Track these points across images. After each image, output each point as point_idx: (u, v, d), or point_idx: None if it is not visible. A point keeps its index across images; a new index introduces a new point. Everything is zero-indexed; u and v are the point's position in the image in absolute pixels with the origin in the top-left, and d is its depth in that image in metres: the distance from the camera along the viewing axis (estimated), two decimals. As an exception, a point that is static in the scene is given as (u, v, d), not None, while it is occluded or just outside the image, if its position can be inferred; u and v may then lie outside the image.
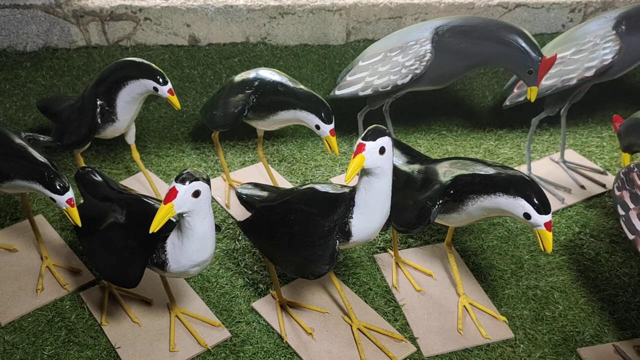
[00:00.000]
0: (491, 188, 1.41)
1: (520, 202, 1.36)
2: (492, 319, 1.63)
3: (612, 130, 2.39)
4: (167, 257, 1.39)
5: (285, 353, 1.54)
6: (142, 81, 1.72)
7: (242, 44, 2.49)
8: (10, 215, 1.91)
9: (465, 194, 1.45)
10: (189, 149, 2.22)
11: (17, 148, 1.53)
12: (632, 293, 1.72)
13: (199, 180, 1.27)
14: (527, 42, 1.81)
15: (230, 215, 1.95)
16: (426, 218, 1.48)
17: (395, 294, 1.69)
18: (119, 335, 1.56)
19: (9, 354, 1.51)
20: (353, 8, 2.47)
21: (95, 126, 1.78)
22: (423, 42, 1.91)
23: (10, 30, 2.36)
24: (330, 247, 1.40)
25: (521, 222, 1.40)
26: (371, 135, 1.28)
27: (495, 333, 1.59)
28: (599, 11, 2.63)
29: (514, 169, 1.44)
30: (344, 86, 2.06)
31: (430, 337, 1.58)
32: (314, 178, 2.12)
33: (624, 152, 1.76)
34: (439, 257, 1.83)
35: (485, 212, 1.45)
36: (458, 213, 1.48)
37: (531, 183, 1.38)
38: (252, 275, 1.75)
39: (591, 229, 1.94)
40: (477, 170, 1.46)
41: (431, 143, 2.30)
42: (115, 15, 2.37)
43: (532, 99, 1.85)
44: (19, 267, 1.73)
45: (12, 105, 2.26)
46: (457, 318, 1.62)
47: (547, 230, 1.36)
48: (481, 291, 1.72)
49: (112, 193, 1.57)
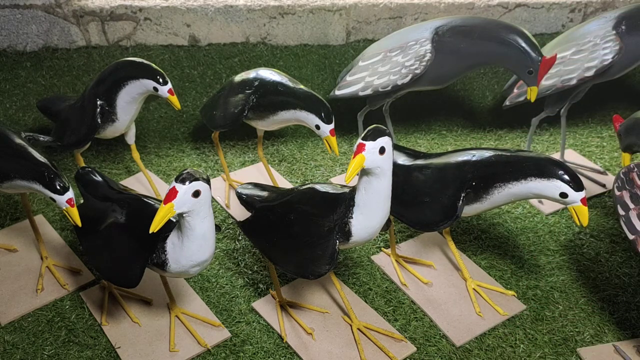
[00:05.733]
0: (521, 174, 1.44)
1: (555, 183, 1.41)
2: (502, 295, 1.68)
3: (612, 130, 2.39)
4: (167, 257, 1.38)
5: (285, 353, 1.54)
6: (142, 81, 1.72)
7: (242, 44, 2.49)
8: (10, 215, 1.91)
9: (491, 183, 1.47)
10: (189, 149, 2.22)
11: (17, 148, 1.53)
12: (632, 293, 1.72)
13: (199, 180, 1.27)
14: (527, 42, 1.81)
15: (230, 215, 1.95)
16: (453, 213, 1.50)
17: (407, 291, 1.70)
18: (119, 335, 1.56)
19: (9, 354, 1.51)
20: (353, 8, 2.47)
21: (95, 126, 1.78)
22: (423, 42, 1.91)
23: (10, 30, 2.36)
24: (330, 247, 1.40)
25: (553, 201, 1.44)
26: (371, 135, 1.28)
27: (510, 308, 1.66)
28: (599, 11, 2.63)
29: (528, 151, 1.47)
30: (344, 86, 2.06)
31: (455, 326, 1.61)
32: (314, 178, 2.12)
33: (624, 152, 1.76)
34: (430, 245, 1.84)
35: (512, 198, 1.48)
36: (481, 203, 1.51)
37: (560, 163, 1.42)
38: (252, 275, 1.75)
39: (591, 229, 1.94)
40: (497, 158, 1.48)
41: (431, 143, 2.30)
42: (115, 15, 2.37)
43: (532, 99, 1.85)
44: (19, 267, 1.73)
45: (12, 105, 2.26)
46: (472, 302, 1.66)
47: (584, 205, 1.42)
48: (481, 271, 1.75)
49: (112, 193, 1.57)
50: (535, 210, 1.99)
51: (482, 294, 1.68)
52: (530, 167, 1.43)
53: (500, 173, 1.46)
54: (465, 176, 1.50)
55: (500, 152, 1.51)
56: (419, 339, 1.58)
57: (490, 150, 1.53)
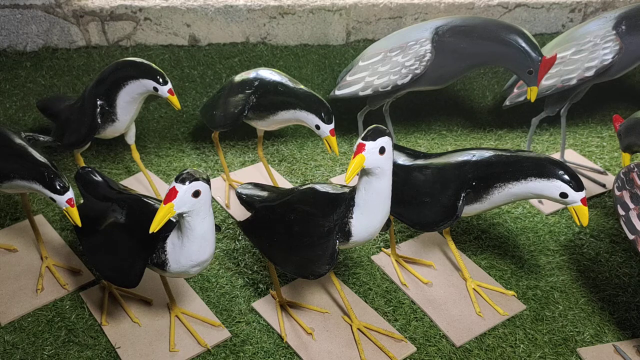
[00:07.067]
0: (521, 174, 1.44)
1: (555, 183, 1.41)
2: (502, 295, 1.68)
3: (612, 130, 2.39)
4: (167, 257, 1.38)
5: (285, 353, 1.54)
6: (142, 81, 1.72)
7: (242, 44, 2.49)
8: (10, 215, 1.91)
9: (491, 183, 1.47)
10: (189, 149, 2.22)
11: (17, 148, 1.53)
12: (632, 293, 1.72)
13: (199, 180, 1.27)
14: (527, 42, 1.81)
15: (230, 215, 1.95)
16: (453, 213, 1.50)
17: (407, 291, 1.70)
18: (119, 335, 1.56)
19: (9, 354, 1.51)
20: (353, 8, 2.47)
21: (95, 126, 1.78)
22: (423, 42, 1.91)
23: (10, 30, 2.36)
24: (330, 247, 1.40)
25: (553, 201, 1.44)
26: (371, 135, 1.28)
27: (510, 308, 1.66)
28: (599, 11, 2.63)
29: (528, 151, 1.47)
30: (344, 86, 2.06)
31: (455, 326, 1.61)
32: (314, 178, 2.12)
33: (624, 152, 1.76)
34: (430, 245, 1.84)
35: (513, 198, 1.48)
36: (481, 203, 1.51)
37: (560, 163, 1.42)
38: (252, 275, 1.75)
39: (591, 229, 1.94)
40: (497, 158, 1.48)
41: (431, 143, 2.30)
42: (115, 15, 2.37)
43: (532, 99, 1.85)
44: (19, 267, 1.73)
45: (12, 105, 2.26)
46: (472, 302, 1.66)
47: (584, 205, 1.42)
48: (481, 271, 1.76)
49: (112, 193, 1.57)
50: (535, 210, 1.99)
51: (482, 294, 1.68)
52: (530, 167, 1.43)
53: (500, 173, 1.46)
54: (465, 176, 1.50)
55: (500, 152, 1.51)
56: (419, 339, 1.58)
57: (490, 150, 1.53)
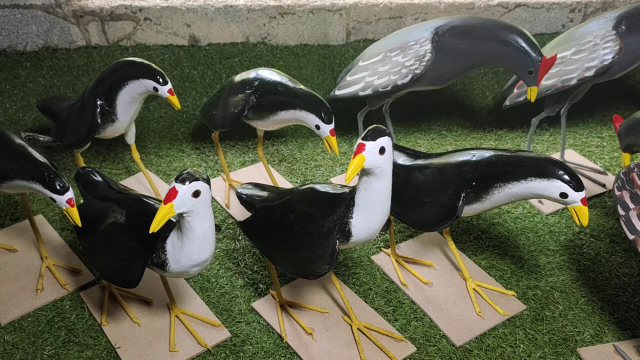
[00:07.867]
0: (521, 174, 1.44)
1: (555, 183, 1.41)
2: (502, 295, 1.69)
3: (612, 130, 2.39)
4: (167, 257, 1.38)
5: (285, 353, 1.54)
6: (142, 81, 1.72)
7: (242, 44, 2.49)
8: (10, 215, 1.91)
9: (491, 183, 1.47)
10: (189, 149, 2.22)
11: (17, 148, 1.53)
12: (632, 293, 1.72)
13: (199, 180, 1.27)
14: (527, 42, 1.81)
15: (230, 215, 1.95)
16: (453, 213, 1.50)
17: (407, 291, 1.70)
18: (119, 335, 1.56)
19: (9, 354, 1.51)
20: (353, 8, 2.47)
21: (95, 126, 1.78)
22: (423, 42, 1.91)
23: (10, 30, 2.36)
24: (330, 247, 1.40)
25: (553, 201, 1.44)
26: (371, 135, 1.28)
27: (510, 308, 1.66)
28: (599, 11, 2.63)
29: (528, 151, 1.47)
30: (344, 86, 2.06)
31: (455, 326, 1.61)
32: (314, 178, 2.12)
33: (624, 152, 1.76)
34: (430, 245, 1.84)
35: (513, 198, 1.48)
36: (481, 203, 1.51)
37: (560, 163, 1.42)
38: (252, 275, 1.75)
39: (591, 229, 1.94)
40: (496, 158, 1.48)
41: (431, 143, 2.30)
42: (115, 15, 2.37)
43: (532, 99, 1.85)
44: (19, 267, 1.73)
45: (12, 105, 2.26)
46: (472, 302, 1.66)
47: (584, 205, 1.42)
48: (481, 271, 1.76)
49: (112, 193, 1.57)
50: (535, 210, 1.99)
51: (482, 294, 1.68)
52: (530, 167, 1.44)
53: (500, 173, 1.47)
54: (465, 176, 1.50)
55: (500, 152, 1.51)
56: (419, 339, 1.58)
57: (490, 150, 1.53)
